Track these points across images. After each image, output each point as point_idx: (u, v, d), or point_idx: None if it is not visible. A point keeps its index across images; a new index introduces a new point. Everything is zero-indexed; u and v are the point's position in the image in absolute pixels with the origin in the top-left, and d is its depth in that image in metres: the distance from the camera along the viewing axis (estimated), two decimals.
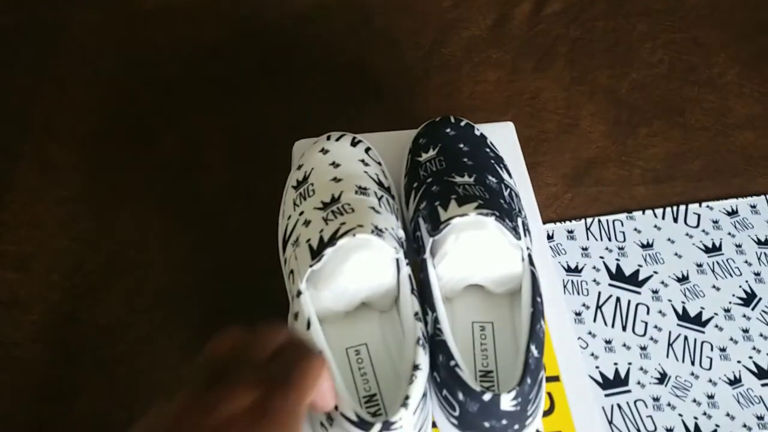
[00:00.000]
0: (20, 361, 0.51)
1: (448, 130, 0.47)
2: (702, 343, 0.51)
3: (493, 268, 0.39)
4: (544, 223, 0.59)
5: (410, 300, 0.38)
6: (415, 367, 0.34)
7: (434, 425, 0.37)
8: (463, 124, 0.48)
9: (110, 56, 0.72)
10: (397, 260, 0.39)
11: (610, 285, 0.55)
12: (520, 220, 0.41)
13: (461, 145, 0.46)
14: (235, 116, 0.68)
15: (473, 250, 0.39)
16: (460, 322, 0.40)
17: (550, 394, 0.40)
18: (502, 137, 0.51)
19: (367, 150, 0.47)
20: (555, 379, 0.40)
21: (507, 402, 0.33)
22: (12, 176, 0.61)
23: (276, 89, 0.71)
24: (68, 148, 0.64)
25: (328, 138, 0.46)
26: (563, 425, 0.39)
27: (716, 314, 0.53)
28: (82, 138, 0.64)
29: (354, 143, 0.46)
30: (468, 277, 0.40)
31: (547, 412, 0.39)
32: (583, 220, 0.59)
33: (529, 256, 0.40)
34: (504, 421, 0.33)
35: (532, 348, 0.35)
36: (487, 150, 0.46)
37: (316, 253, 0.37)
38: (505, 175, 0.45)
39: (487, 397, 0.33)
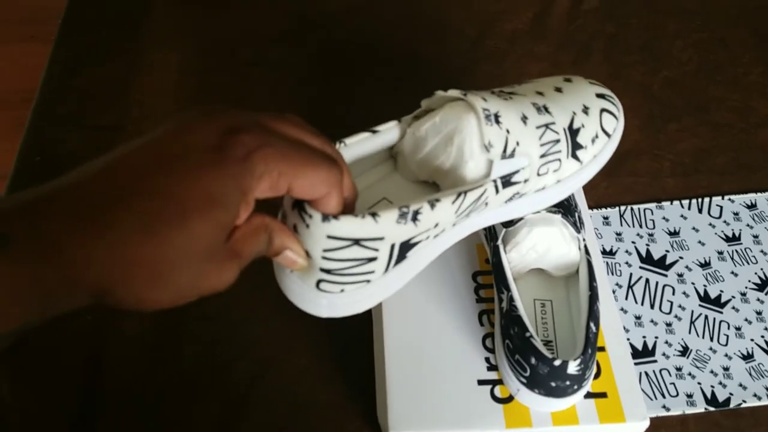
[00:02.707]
0: (131, 317, 0.58)
1: None
2: (720, 322, 0.59)
3: (556, 256, 0.46)
4: None
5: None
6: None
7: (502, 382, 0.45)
8: None
9: (187, 42, 0.78)
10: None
11: (640, 267, 0.62)
12: (577, 215, 0.48)
13: None
14: (299, 100, 0.74)
15: (541, 241, 0.46)
16: (524, 298, 0.47)
17: (597, 362, 0.47)
18: None
19: (605, 111, 0.48)
20: (601, 349, 0.48)
21: (573, 367, 0.40)
22: None
23: (340, 74, 0.77)
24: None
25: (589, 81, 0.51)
26: (608, 387, 0.46)
27: (733, 297, 0.60)
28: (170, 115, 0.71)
29: (601, 96, 0.49)
30: (533, 262, 0.47)
31: (595, 376, 0.46)
32: (617, 208, 0.66)
33: (585, 246, 0.47)
34: (567, 382, 0.41)
35: (591, 324, 0.42)
36: None
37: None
38: None
39: (557, 362, 0.40)
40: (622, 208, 0.66)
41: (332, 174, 0.31)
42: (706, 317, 0.59)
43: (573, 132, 0.44)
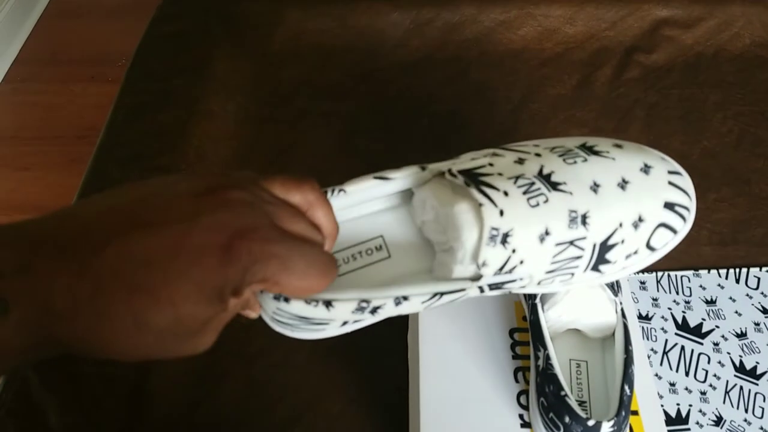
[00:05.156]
0: None
1: None
2: (756, 393, 0.59)
3: (593, 317, 0.48)
4: None
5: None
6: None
7: None
8: None
9: (244, 93, 0.83)
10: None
11: (676, 334, 0.62)
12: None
13: None
14: (351, 151, 0.78)
15: (579, 302, 0.47)
16: (560, 357, 0.48)
17: (630, 426, 0.48)
18: None
19: (661, 227, 0.42)
20: (635, 413, 0.48)
21: (606, 428, 0.41)
22: None
23: (383, 130, 0.80)
24: (214, 170, 0.74)
25: (671, 173, 0.43)
26: None
27: None
28: (225, 162, 0.75)
29: (670, 206, 0.41)
30: (571, 322, 0.48)
31: None
32: (654, 273, 0.67)
33: (622, 309, 0.48)
34: None
35: (625, 387, 0.43)
36: None
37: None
38: None
39: (591, 422, 0.41)
40: (659, 273, 0.67)
41: (321, 286, 0.31)
42: (741, 388, 0.59)
43: (605, 248, 0.38)
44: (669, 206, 0.40)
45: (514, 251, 0.35)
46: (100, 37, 1.90)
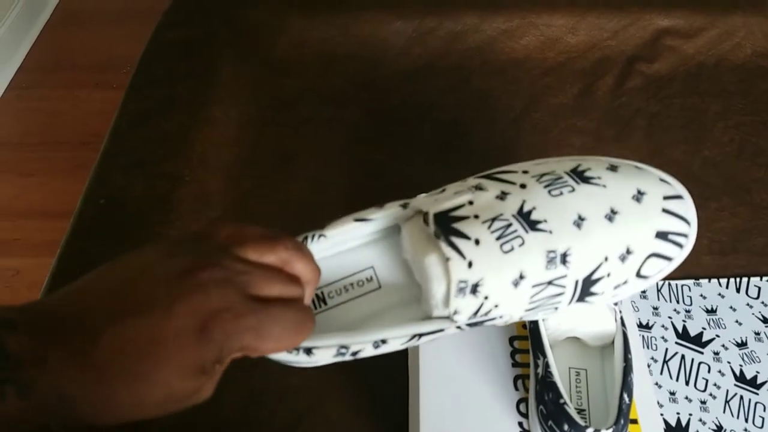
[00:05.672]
0: None
1: None
2: (756, 403, 0.59)
3: (592, 325, 0.48)
4: None
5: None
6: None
7: None
8: None
9: (247, 99, 0.83)
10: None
11: (676, 343, 0.62)
12: None
13: None
14: (352, 158, 0.78)
15: (578, 310, 0.47)
16: (559, 366, 0.49)
17: None
18: None
19: (652, 257, 0.41)
20: (634, 422, 0.48)
21: None
22: (176, 198, 0.72)
23: (388, 136, 0.80)
24: (217, 176, 0.75)
25: (666, 198, 0.42)
26: None
27: None
28: (228, 168, 0.76)
29: (663, 236, 0.40)
30: (570, 330, 0.48)
31: None
32: (655, 283, 0.67)
33: (621, 318, 0.48)
34: None
35: (624, 396, 0.43)
36: None
37: None
38: None
39: (590, 431, 0.41)
40: (660, 282, 0.67)
41: (297, 342, 0.33)
42: (742, 397, 0.59)
43: (588, 283, 0.38)
44: (662, 235, 0.39)
45: (486, 298, 0.35)
46: (104, 43, 1.92)
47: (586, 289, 0.38)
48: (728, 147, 0.80)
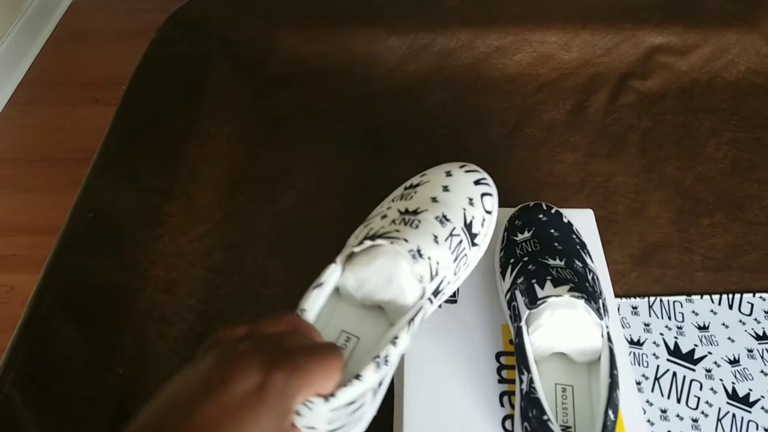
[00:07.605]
0: (164, 370, 0.60)
1: (540, 216, 0.55)
2: (748, 421, 0.58)
3: (578, 341, 0.47)
4: None
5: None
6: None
7: None
8: (553, 211, 0.56)
9: (240, 115, 0.83)
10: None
11: (668, 360, 0.62)
12: (601, 302, 0.49)
13: (552, 231, 0.54)
14: (345, 173, 0.78)
15: (563, 325, 0.47)
16: (545, 382, 0.48)
17: None
18: (582, 223, 0.59)
19: (484, 195, 0.54)
20: None
21: None
22: (165, 212, 0.72)
23: (380, 151, 0.80)
24: (207, 191, 0.75)
25: (462, 166, 0.56)
26: None
27: (763, 397, 0.59)
28: (219, 183, 0.75)
29: (477, 182, 0.55)
30: (555, 345, 0.48)
31: None
32: (646, 298, 0.66)
33: (608, 333, 0.47)
34: None
35: (610, 412, 0.43)
36: (574, 236, 0.55)
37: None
38: (588, 261, 0.53)
39: None
40: (651, 299, 0.66)
41: (338, 364, 0.37)
42: (734, 415, 0.58)
43: (468, 226, 0.51)
44: (477, 182, 0.54)
45: (430, 258, 0.47)
46: (105, 61, 1.92)
47: (470, 231, 0.51)
48: (721, 163, 0.80)
